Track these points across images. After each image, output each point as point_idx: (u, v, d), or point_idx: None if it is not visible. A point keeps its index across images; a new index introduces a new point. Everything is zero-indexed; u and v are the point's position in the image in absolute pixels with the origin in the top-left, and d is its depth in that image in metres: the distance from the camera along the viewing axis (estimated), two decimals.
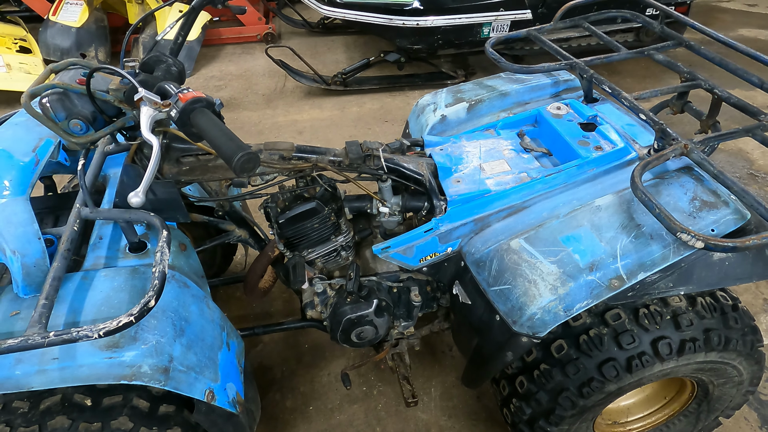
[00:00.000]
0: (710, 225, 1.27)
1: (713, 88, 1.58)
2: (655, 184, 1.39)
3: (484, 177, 1.53)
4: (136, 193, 0.98)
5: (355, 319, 1.57)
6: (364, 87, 4.04)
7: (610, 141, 1.56)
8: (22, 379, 1.04)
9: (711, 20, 3.89)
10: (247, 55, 4.67)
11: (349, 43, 4.87)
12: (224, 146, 0.93)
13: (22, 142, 1.29)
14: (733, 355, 1.42)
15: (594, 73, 1.65)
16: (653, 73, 4.25)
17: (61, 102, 1.19)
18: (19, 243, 1.15)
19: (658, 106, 1.85)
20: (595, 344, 1.38)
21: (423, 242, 1.51)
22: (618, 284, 1.26)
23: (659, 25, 1.88)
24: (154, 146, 1.01)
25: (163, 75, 1.20)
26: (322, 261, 1.62)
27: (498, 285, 1.36)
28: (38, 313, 1.01)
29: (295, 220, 1.51)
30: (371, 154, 1.47)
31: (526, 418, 1.51)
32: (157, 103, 1.02)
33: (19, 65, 3.76)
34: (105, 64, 1.16)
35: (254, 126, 3.69)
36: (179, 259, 1.40)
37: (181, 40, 1.46)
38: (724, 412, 1.68)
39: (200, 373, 1.19)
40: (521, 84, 1.90)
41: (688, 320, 1.36)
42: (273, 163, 1.40)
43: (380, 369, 2.10)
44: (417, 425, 1.94)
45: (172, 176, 1.33)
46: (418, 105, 1.95)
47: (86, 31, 4.13)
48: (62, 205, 1.54)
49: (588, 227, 1.34)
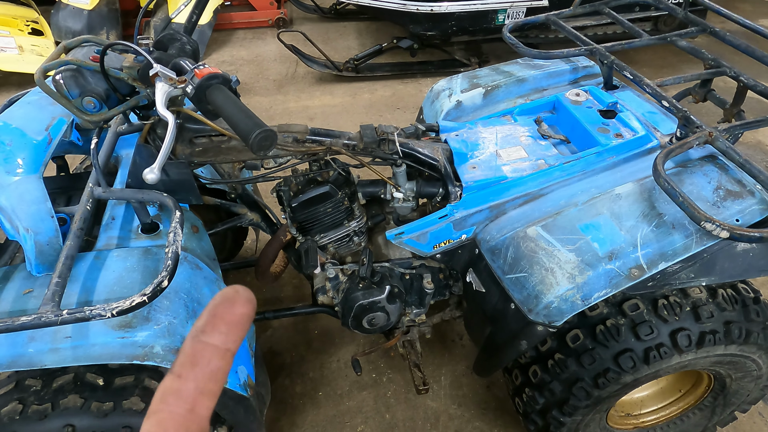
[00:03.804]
0: (735, 215, 1.24)
1: (739, 75, 1.54)
2: (677, 172, 1.36)
3: (501, 163, 1.50)
4: (151, 169, 0.97)
5: (367, 305, 1.56)
6: (376, 73, 3.99)
7: (630, 128, 1.52)
8: (35, 357, 1.03)
9: (730, 10, 3.80)
10: (259, 40, 4.64)
11: (361, 29, 4.82)
12: (241, 123, 0.91)
13: (35, 121, 1.28)
14: (753, 349, 1.40)
15: (615, 59, 1.61)
16: (670, 63, 4.17)
17: (74, 79, 1.17)
18: (32, 221, 1.14)
19: (679, 94, 1.80)
20: (612, 334, 1.35)
21: (437, 229, 1.48)
22: (638, 274, 1.23)
23: (683, 10, 1.83)
24: (170, 122, 0.99)
25: (178, 53, 1.18)
26: (334, 246, 1.60)
27: (513, 273, 1.34)
28: (51, 292, 1.00)
29: (307, 204, 1.50)
30: (386, 138, 1.45)
31: (538, 407, 1.50)
32: (173, 79, 1.00)
33: (31, 47, 3.75)
34: (120, 41, 1.14)
35: (265, 111, 3.67)
36: (192, 241, 1.39)
37: (195, 19, 1.44)
38: (740, 406, 1.65)
39: None
40: (539, 70, 1.86)
41: (709, 312, 1.33)
42: (286, 146, 1.38)
43: (390, 356, 2.09)
44: (426, 413, 1.93)
45: (185, 157, 1.32)
46: (432, 90, 1.91)
47: (98, 13, 4.11)
48: (74, 185, 1.53)
49: (607, 215, 1.31)
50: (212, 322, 0.30)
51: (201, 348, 0.29)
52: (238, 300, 0.30)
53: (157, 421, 0.28)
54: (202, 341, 0.30)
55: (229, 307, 0.30)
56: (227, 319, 0.30)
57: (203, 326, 0.30)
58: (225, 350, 0.30)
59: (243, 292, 0.31)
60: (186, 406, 0.28)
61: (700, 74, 1.61)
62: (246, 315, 0.31)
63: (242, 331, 0.31)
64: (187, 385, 0.29)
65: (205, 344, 0.29)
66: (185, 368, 0.29)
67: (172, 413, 0.28)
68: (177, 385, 0.29)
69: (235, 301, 0.30)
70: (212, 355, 0.29)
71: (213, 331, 0.30)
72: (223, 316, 0.30)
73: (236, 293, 0.31)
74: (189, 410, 0.28)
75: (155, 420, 0.28)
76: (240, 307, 0.30)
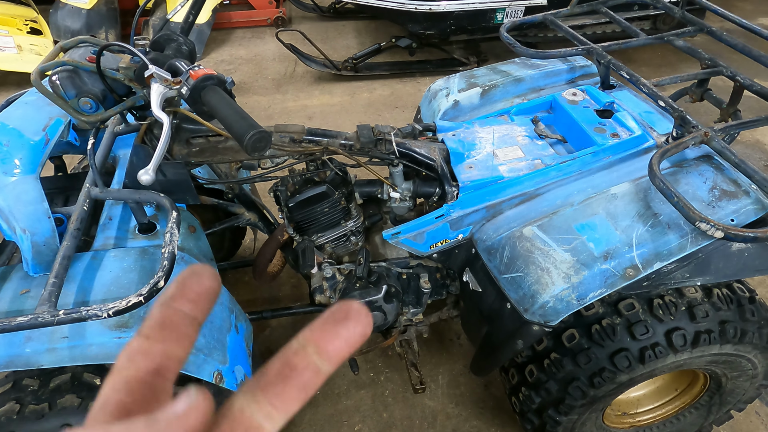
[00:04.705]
0: (730, 215, 1.24)
1: (735, 75, 1.54)
2: (673, 172, 1.36)
3: (497, 163, 1.50)
4: (146, 170, 0.97)
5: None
6: (374, 73, 3.99)
7: (627, 128, 1.52)
8: (32, 357, 1.04)
9: (730, 9, 3.80)
10: (257, 39, 4.63)
11: (360, 28, 4.82)
12: (236, 124, 0.91)
13: (33, 121, 1.28)
14: (749, 348, 1.40)
15: (612, 59, 1.61)
16: (669, 62, 4.17)
17: (71, 80, 1.17)
18: (29, 221, 1.15)
19: (676, 94, 1.81)
20: (608, 334, 1.36)
21: (434, 228, 1.49)
22: (633, 273, 1.23)
23: (680, 10, 1.83)
24: (164, 123, 0.99)
25: (174, 53, 1.18)
26: (331, 246, 1.60)
27: (510, 272, 1.34)
28: (48, 292, 1.01)
29: (304, 204, 1.50)
30: (383, 138, 1.45)
31: (534, 407, 1.50)
32: (168, 80, 1.01)
33: (30, 47, 3.75)
34: (115, 42, 1.15)
35: (264, 111, 3.67)
36: (188, 241, 1.39)
37: (191, 20, 1.44)
38: (736, 405, 1.66)
39: (209, 355, 1.19)
40: (536, 69, 1.86)
41: (704, 311, 1.34)
42: (283, 146, 1.38)
43: (388, 355, 2.10)
44: (424, 412, 1.94)
45: (182, 157, 1.32)
46: (430, 90, 1.92)
47: (96, 12, 4.11)
48: (72, 185, 1.53)
49: (603, 215, 1.31)
50: (182, 291, 0.30)
51: (170, 313, 0.29)
52: (205, 274, 0.31)
53: (123, 378, 0.28)
54: (171, 307, 0.29)
55: (198, 279, 0.30)
56: (196, 289, 0.30)
57: (172, 293, 0.30)
58: (193, 318, 0.30)
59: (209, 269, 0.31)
60: (153, 366, 0.28)
61: (696, 74, 1.62)
62: (213, 289, 0.31)
63: (210, 303, 0.31)
64: (155, 346, 0.29)
65: (174, 310, 0.29)
66: (153, 330, 0.29)
67: (139, 370, 0.28)
68: (145, 346, 0.29)
69: (202, 275, 0.31)
70: (181, 321, 0.29)
71: (182, 299, 0.30)
72: (191, 286, 0.30)
73: (203, 268, 0.31)
74: (155, 370, 0.28)
75: (121, 377, 0.28)
76: (207, 280, 0.31)
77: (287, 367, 0.29)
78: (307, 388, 0.29)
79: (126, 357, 0.29)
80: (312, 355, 0.29)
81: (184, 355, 0.30)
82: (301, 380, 0.29)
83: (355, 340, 0.30)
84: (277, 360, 0.30)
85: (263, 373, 0.30)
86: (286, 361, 0.30)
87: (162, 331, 0.29)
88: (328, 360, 0.29)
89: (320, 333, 0.30)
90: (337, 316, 0.30)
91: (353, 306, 0.30)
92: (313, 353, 0.29)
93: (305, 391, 0.29)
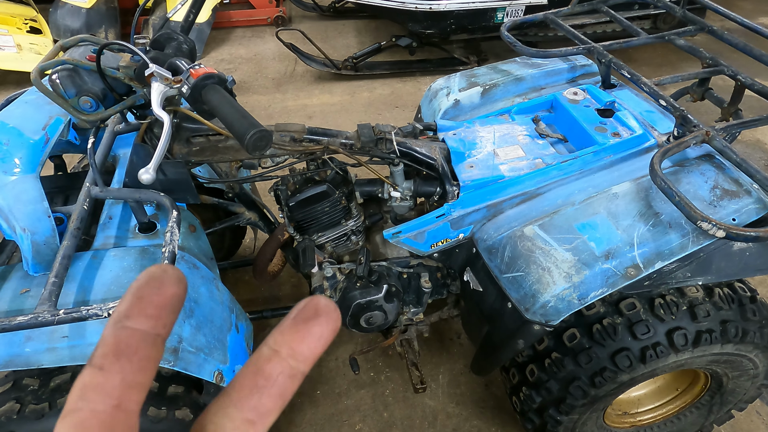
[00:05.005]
0: (731, 214, 1.24)
1: (736, 74, 1.54)
2: (674, 171, 1.36)
3: (498, 162, 1.50)
4: (146, 169, 0.97)
5: (365, 304, 1.56)
6: (375, 72, 3.99)
7: (628, 127, 1.52)
8: (32, 357, 1.04)
9: (730, 8, 3.80)
10: (257, 39, 4.63)
11: (360, 27, 4.81)
12: (236, 123, 0.91)
13: (32, 120, 1.28)
14: (750, 348, 1.40)
15: (613, 58, 1.61)
16: (670, 62, 4.17)
17: (70, 78, 1.17)
18: (29, 220, 1.14)
19: (677, 93, 1.81)
20: (609, 333, 1.35)
21: (434, 228, 1.49)
22: (634, 273, 1.23)
23: (681, 9, 1.83)
24: (165, 122, 0.99)
25: (174, 52, 1.18)
26: (332, 245, 1.60)
27: (510, 272, 1.34)
28: (48, 291, 1.01)
29: (305, 203, 1.50)
30: (383, 137, 1.45)
31: (535, 406, 1.50)
32: (168, 79, 1.00)
33: (30, 46, 3.75)
34: (116, 41, 1.14)
35: (264, 110, 3.67)
36: (189, 241, 1.39)
37: (192, 18, 1.43)
38: (737, 405, 1.66)
39: (209, 354, 1.19)
40: (537, 69, 1.86)
41: (705, 311, 1.33)
42: (284, 145, 1.38)
43: (388, 355, 2.10)
44: (424, 411, 1.94)
45: (182, 156, 1.32)
46: (430, 89, 1.91)
47: (96, 11, 4.11)
48: (72, 184, 1.53)
49: (604, 215, 1.31)
50: (138, 306, 0.26)
51: (126, 335, 0.25)
52: (167, 280, 0.26)
53: (76, 421, 0.24)
54: (127, 327, 0.25)
55: (157, 287, 0.26)
56: (155, 301, 0.26)
57: (127, 310, 0.25)
58: (155, 336, 0.26)
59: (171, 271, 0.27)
60: (111, 402, 0.24)
61: (697, 73, 1.61)
62: (177, 296, 0.27)
63: (173, 314, 0.27)
64: (112, 379, 0.24)
65: (131, 330, 0.25)
66: (108, 359, 0.25)
67: (95, 412, 0.24)
68: (99, 380, 0.24)
69: (163, 281, 0.26)
70: (140, 343, 0.25)
71: (139, 316, 0.25)
72: (150, 298, 0.26)
73: (164, 272, 0.27)
74: (115, 407, 0.24)
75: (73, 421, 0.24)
76: (170, 287, 0.26)
77: (260, 376, 0.27)
78: (284, 395, 0.28)
79: (77, 395, 0.25)
80: (286, 359, 0.28)
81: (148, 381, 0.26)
82: (276, 389, 0.27)
83: (328, 336, 0.28)
84: (249, 369, 0.28)
85: (235, 385, 0.27)
86: (259, 369, 0.27)
87: (118, 359, 0.25)
88: (303, 361, 0.28)
89: (291, 334, 0.28)
90: (307, 314, 0.28)
91: (320, 301, 0.29)
92: (288, 356, 0.28)
93: (282, 399, 0.28)
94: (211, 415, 0.27)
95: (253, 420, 0.27)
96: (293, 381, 0.28)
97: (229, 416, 0.27)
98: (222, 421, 0.26)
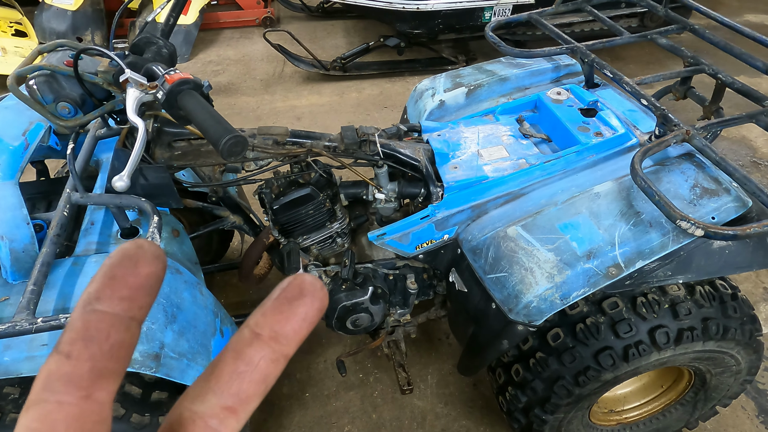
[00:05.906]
0: (711, 212, 1.25)
1: (717, 73, 1.55)
2: (655, 170, 1.37)
3: (482, 163, 1.50)
4: (120, 176, 0.96)
5: (351, 307, 1.56)
6: (363, 72, 3.98)
7: (610, 127, 1.53)
8: (11, 366, 1.03)
9: (717, 5, 3.83)
10: (246, 40, 4.61)
11: (348, 27, 4.81)
12: (211, 129, 0.91)
13: (12, 126, 1.27)
14: (732, 345, 1.41)
15: (595, 58, 1.62)
16: (657, 59, 4.19)
17: (48, 84, 1.16)
18: (7, 228, 1.14)
19: (660, 91, 1.82)
20: (592, 333, 1.36)
21: (419, 229, 1.49)
22: (616, 272, 1.24)
23: (663, 8, 1.84)
24: (139, 129, 0.99)
25: (153, 57, 1.17)
26: (317, 248, 1.60)
27: (494, 273, 1.34)
28: (26, 299, 1.00)
29: (289, 206, 1.49)
30: (367, 139, 1.45)
31: (521, 406, 1.51)
32: (143, 85, 1.00)
33: (15, 49, 3.71)
34: (93, 46, 1.14)
35: (252, 111, 3.66)
36: (172, 245, 1.38)
37: (172, 22, 1.43)
38: (721, 401, 1.67)
39: (192, 359, 1.18)
40: (521, 69, 1.86)
41: (687, 309, 1.34)
42: (267, 148, 1.37)
43: (377, 356, 2.10)
44: (413, 412, 1.94)
45: (164, 161, 1.31)
46: (416, 90, 1.91)
47: (82, 14, 4.08)
48: (54, 190, 1.52)
49: (586, 214, 1.32)
50: (110, 286, 0.23)
51: (97, 319, 0.23)
52: (143, 257, 0.24)
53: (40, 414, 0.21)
54: (97, 310, 0.23)
55: (132, 267, 0.23)
56: (130, 281, 0.23)
57: (97, 292, 0.23)
58: (129, 319, 0.23)
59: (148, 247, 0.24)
60: (80, 393, 0.22)
61: (679, 72, 1.63)
62: (154, 275, 0.24)
63: (150, 296, 0.24)
64: (80, 367, 0.22)
65: (101, 314, 0.23)
66: (76, 346, 0.22)
67: (61, 403, 0.22)
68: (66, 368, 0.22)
69: (138, 259, 0.24)
70: (111, 327, 0.23)
71: (111, 298, 0.23)
72: (124, 278, 0.23)
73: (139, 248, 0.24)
74: (84, 397, 0.22)
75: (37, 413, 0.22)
76: (145, 266, 0.24)
77: (241, 361, 0.25)
78: (266, 380, 0.26)
79: (41, 385, 0.22)
80: (268, 342, 0.25)
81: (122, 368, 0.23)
82: (258, 374, 0.25)
83: (314, 316, 0.26)
84: (228, 353, 0.26)
85: (213, 371, 0.25)
86: (239, 353, 0.25)
87: (87, 345, 0.22)
88: (287, 343, 0.26)
89: (274, 314, 0.26)
90: (291, 293, 0.26)
91: (306, 279, 0.26)
92: (270, 339, 0.25)
93: (264, 384, 0.26)
94: (187, 403, 0.25)
95: (234, 407, 0.25)
96: (276, 365, 0.26)
97: (207, 403, 0.25)
98: (200, 409, 0.25)
